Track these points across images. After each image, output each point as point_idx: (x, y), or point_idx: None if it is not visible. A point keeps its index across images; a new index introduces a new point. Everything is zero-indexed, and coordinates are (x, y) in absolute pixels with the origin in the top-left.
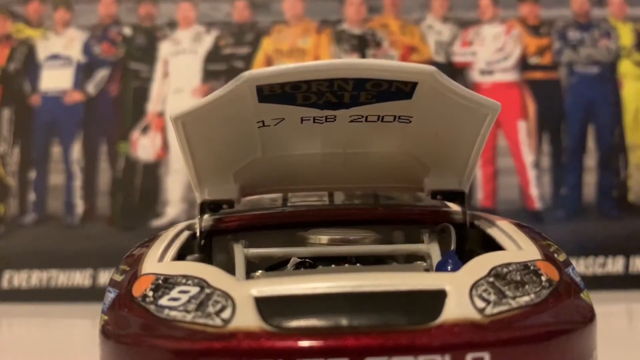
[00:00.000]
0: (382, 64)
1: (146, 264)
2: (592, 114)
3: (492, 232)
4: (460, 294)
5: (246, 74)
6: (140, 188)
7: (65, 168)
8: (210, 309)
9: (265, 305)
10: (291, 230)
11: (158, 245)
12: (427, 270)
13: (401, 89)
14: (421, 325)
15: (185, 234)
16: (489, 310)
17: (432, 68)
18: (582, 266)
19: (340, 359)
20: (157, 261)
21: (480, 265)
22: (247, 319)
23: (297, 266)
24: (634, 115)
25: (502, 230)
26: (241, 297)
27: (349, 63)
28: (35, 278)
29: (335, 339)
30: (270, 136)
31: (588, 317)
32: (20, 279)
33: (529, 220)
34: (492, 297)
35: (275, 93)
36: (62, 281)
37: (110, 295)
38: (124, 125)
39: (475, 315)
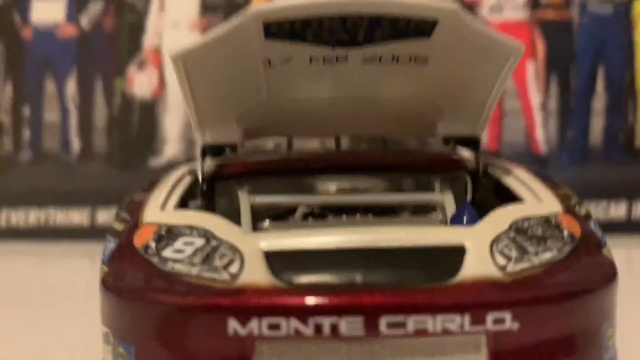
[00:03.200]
0: (402, 0)
1: (147, 212)
2: (602, 55)
3: (509, 181)
4: (481, 249)
5: (253, 9)
6: (138, 126)
7: (60, 105)
8: (217, 263)
9: (275, 260)
10: (297, 176)
11: (160, 191)
12: (442, 223)
13: (420, 27)
14: (439, 283)
15: (188, 179)
16: (511, 267)
17: (455, 6)
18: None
19: (354, 316)
20: (159, 209)
21: (500, 218)
22: (256, 273)
23: (305, 216)
24: None
25: (520, 179)
26: (250, 250)
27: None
28: (32, 217)
29: (349, 296)
30: (277, 77)
31: (610, 274)
32: (17, 217)
33: (533, 164)
34: (514, 254)
35: (283, 30)
36: (60, 220)
37: (110, 245)
38: (119, 61)
39: (496, 273)
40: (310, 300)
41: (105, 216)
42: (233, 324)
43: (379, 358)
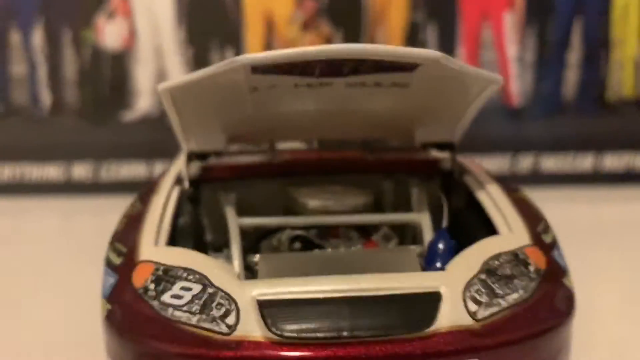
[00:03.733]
0: (387, 50)
1: (143, 247)
2: (580, 7)
3: (483, 200)
4: (454, 296)
5: (242, 58)
6: (109, 78)
7: (26, 57)
8: (215, 313)
9: (268, 309)
10: (280, 179)
11: (152, 219)
12: (420, 254)
13: (403, 66)
14: (417, 332)
15: (176, 192)
16: (481, 313)
17: (437, 54)
18: (553, 162)
19: None
20: (153, 244)
21: (472, 259)
22: (251, 326)
23: (292, 240)
24: (622, 10)
25: (492, 198)
26: (244, 300)
27: (352, 49)
28: (7, 171)
29: (338, 349)
30: (262, 97)
31: (569, 310)
32: None
33: (506, 118)
34: (484, 298)
35: (270, 67)
36: (36, 175)
37: (110, 280)
38: (87, 10)
39: (468, 321)
40: (301, 352)
41: (80, 171)
42: None
43: None
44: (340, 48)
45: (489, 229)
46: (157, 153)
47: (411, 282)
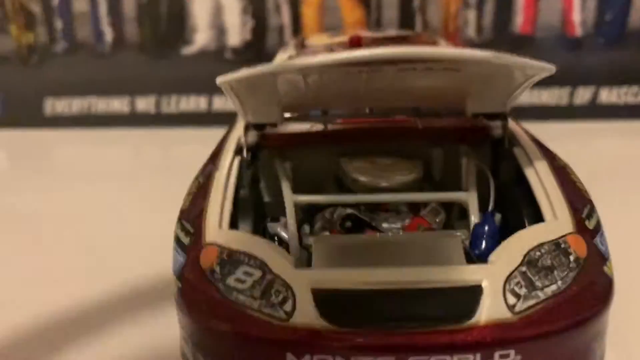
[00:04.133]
0: (442, 53)
1: (208, 229)
2: None
3: (530, 177)
4: (495, 290)
5: (295, 64)
6: (167, 14)
7: None
8: (274, 299)
9: (322, 298)
10: (333, 147)
11: (215, 197)
12: (466, 240)
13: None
14: (458, 325)
15: (236, 163)
16: (519, 306)
17: (488, 55)
18: (614, 95)
19: (387, 356)
20: (218, 225)
21: (516, 249)
22: (307, 314)
23: (344, 219)
24: None
25: (539, 177)
26: (300, 289)
27: (407, 52)
28: (75, 105)
29: (382, 338)
30: (315, 80)
31: (607, 295)
32: (62, 106)
33: (567, 47)
34: (523, 291)
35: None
36: (102, 108)
37: (180, 260)
38: None
39: (506, 314)
40: (352, 342)
41: (144, 105)
42: (290, 357)
43: None
44: (394, 52)
45: (535, 208)
46: (216, 86)
47: (455, 275)
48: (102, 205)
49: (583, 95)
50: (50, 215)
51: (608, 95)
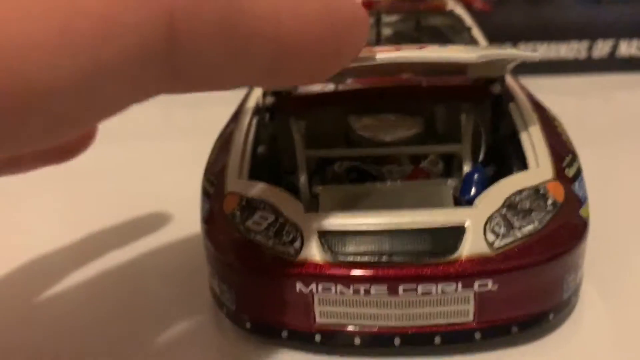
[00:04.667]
0: (459, 57)
1: (229, 179)
2: None
3: (520, 131)
4: (476, 229)
5: None
6: None
7: None
8: (285, 238)
9: (326, 237)
10: (343, 106)
11: (235, 151)
12: (456, 187)
13: None
14: (442, 259)
15: (254, 123)
16: (497, 243)
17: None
18: (634, 47)
19: (381, 284)
20: (237, 176)
21: (498, 194)
22: (313, 250)
23: (349, 171)
24: None
25: (528, 131)
26: (308, 230)
27: (427, 57)
28: None
29: (378, 270)
30: None
31: (580, 235)
32: None
33: (586, 0)
34: (502, 231)
35: None
36: None
37: (206, 206)
38: None
39: (485, 250)
40: (351, 272)
41: None
42: (299, 286)
43: (397, 310)
44: (414, 57)
45: (524, 161)
46: None
47: (442, 217)
48: (133, 163)
49: (602, 48)
50: (87, 171)
51: (627, 48)
